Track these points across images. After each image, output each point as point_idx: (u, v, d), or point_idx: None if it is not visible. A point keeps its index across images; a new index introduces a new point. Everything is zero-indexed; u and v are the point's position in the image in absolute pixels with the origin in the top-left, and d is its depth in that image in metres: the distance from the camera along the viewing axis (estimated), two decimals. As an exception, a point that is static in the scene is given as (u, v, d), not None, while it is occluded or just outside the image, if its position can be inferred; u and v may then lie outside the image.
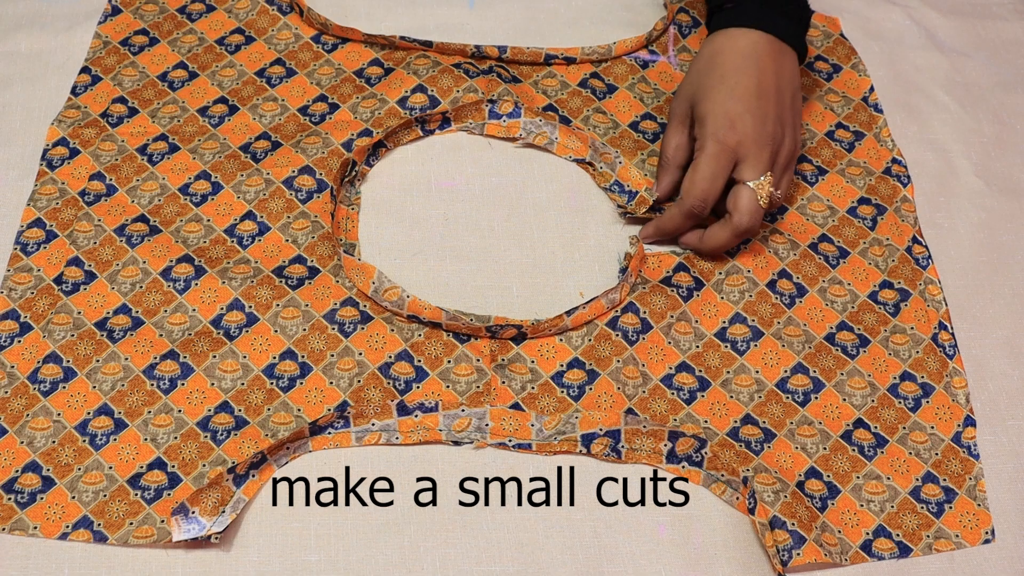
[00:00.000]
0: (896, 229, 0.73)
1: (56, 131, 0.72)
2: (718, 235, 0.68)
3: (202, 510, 0.57)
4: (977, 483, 0.63)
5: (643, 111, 0.77)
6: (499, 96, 0.75)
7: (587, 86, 0.78)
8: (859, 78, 0.82)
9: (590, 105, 0.77)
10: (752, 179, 0.67)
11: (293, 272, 0.67)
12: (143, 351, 0.63)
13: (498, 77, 0.77)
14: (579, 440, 0.62)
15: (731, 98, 0.68)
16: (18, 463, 0.59)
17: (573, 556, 0.59)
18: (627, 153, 0.74)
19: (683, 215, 0.68)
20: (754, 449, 0.63)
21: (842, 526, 0.61)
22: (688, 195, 0.68)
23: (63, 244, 0.67)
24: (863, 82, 0.82)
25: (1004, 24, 0.88)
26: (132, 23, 0.79)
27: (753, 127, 0.67)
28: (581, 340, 0.65)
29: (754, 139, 0.67)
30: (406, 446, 0.61)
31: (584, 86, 0.78)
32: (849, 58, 0.83)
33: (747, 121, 0.67)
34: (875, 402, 0.66)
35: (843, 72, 0.82)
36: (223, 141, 0.73)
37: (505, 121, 0.75)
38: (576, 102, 0.77)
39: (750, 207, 0.66)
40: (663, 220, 0.69)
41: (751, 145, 0.67)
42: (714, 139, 0.67)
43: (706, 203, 0.67)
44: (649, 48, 0.81)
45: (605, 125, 0.76)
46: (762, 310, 0.68)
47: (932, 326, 0.69)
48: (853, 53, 0.84)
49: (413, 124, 0.74)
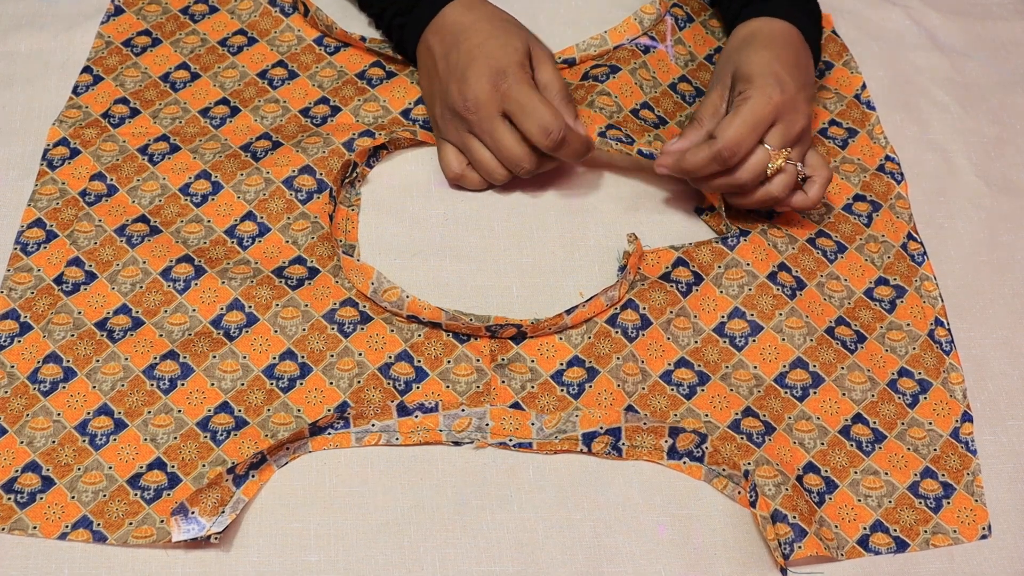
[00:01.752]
0: (891, 226, 0.73)
1: (57, 131, 0.72)
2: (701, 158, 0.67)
3: (202, 510, 0.57)
4: (974, 479, 0.63)
5: (642, 99, 0.77)
6: None
7: (589, 76, 0.78)
8: (851, 75, 0.82)
9: (594, 90, 0.76)
10: (775, 145, 0.67)
11: (293, 272, 0.67)
12: (143, 351, 0.63)
13: None
14: (580, 439, 0.62)
15: (777, 62, 0.69)
16: (18, 463, 0.59)
17: (573, 556, 0.59)
18: (634, 133, 0.73)
19: (710, 157, 0.66)
20: (755, 441, 0.63)
21: (839, 521, 0.61)
22: (722, 138, 0.66)
23: (63, 244, 0.67)
24: (855, 79, 0.82)
25: (1004, 24, 0.88)
26: (135, 23, 0.79)
27: (795, 93, 0.68)
28: (581, 338, 0.65)
29: (792, 106, 0.68)
30: (406, 446, 0.61)
31: (586, 78, 0.78)
32: (841, 55, 0.83)
33: (790, 86, 0.68)
34: (875, 397, 0.66)
35: (835, 69, 0.82)
36: (224, 142, 0.73)
37: None
38: (579, 93, 0.77)
39: (756, 167, 0.67)
40: (687, 156, 0.67)
41: (788, 110, 0.67)
42: (762, 92, 0.67)
43: (738, 150, 0.66)
44: (649, 35, 0.81)
45: (610, 108, 0.75)
46: (762, 303, 0.68)
47: (928, 322, 0.69)
48: (845, 50, 0.84)
49: (416, 137, 0.74)
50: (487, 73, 0.67)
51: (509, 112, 0.67)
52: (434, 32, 0.72)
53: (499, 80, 0.67)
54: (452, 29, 0.71)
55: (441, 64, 0.70)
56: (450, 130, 0.71)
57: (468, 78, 0.68)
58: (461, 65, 0.68)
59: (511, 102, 0.67)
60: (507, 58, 0.68)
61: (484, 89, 0.67)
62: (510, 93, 0.67)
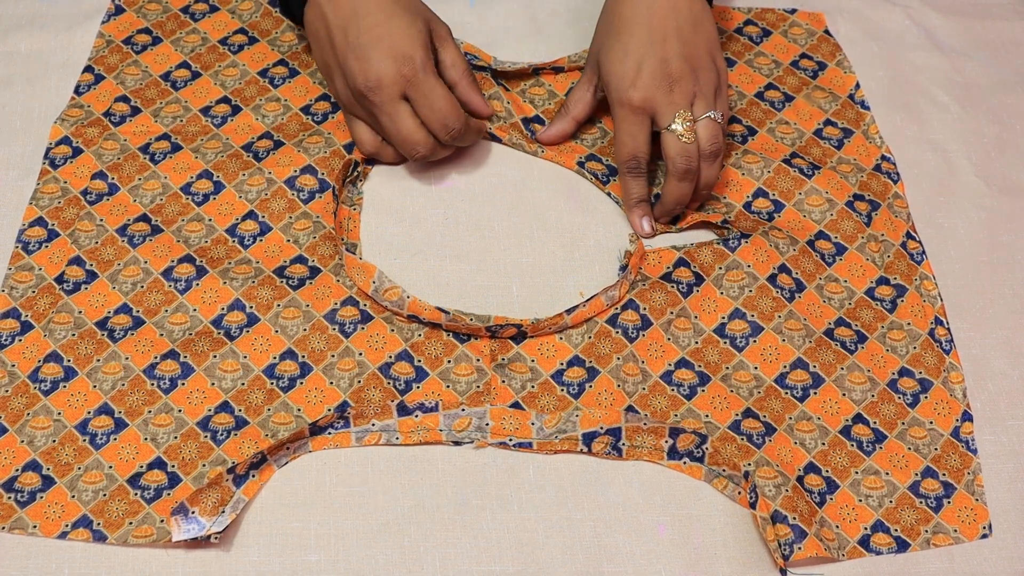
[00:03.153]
0: (890, 225, 0.73)
1: (59, 130, 0.72)
2: (667, 188, 0.70)
3: (202, 510, 0.57)
4: (975, 478, 0.63)
5: None
6: (491, 96, 0.76)
7: None
8: (844, 75, 0.82)
9: None
10: (668, 124, 0.68)
11: (294, 272, 0.67)
12: (144, 351, 0.63)
13: (492, 78, 0.77)
14: (580, 439, 0.62)
15: (626, 55, 0.69)
16: (18, 462, 0.59)
17: (573, 556, 0.59)
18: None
19: (621, 177, 0.71)
20: (755, 442, 0.63)
21: (840, 521, 0.61)
22: (618, 158, 0.70)
23: (65, 243, 0.67)
24: (848, 79, 0.82)
25: (1004, 24, 0.88)
26: (135, 22, 0.79)
27: (652, 77, 0.68)
28: (581, 338, 0.65)
29: (657, 87, 0.68)
30: (406, 446, 0.62)
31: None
32: (834, 55, 0.83)
33: (644, 74, 0.68)
34: (875, 397, 0.66)
35: (828, 69, 0.82)
36: (225, 141, 0.73)
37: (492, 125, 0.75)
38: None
39: (677, 148, 0.68)
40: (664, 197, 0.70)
41: (656, 94, 0.68)
42: (619, 103, 0.69)
43: (637, 159, 0.70)
44: None
45: (593, 136, 0.76)
46: (762, 304, 0.68)
47: (928, 321, 0.69)
48: (838, 50, 0.83)
49: None
50: (391, 55, 0.66)
51: (411, 98, 0.67)
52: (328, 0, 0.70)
53: (403, 65, 0.66)
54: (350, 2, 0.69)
55: (339, 37, 0.68)
56: (355, 106, 0.70)
57: (371, 58, 0.66)
58: (363, 43, 0.67)
59: (415, 89, 0.67)
60: (411, 40, 0.67)
61: (388, 72, 0.66)
62: (415, 80, 0.67)
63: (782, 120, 0.78)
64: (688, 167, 0.68)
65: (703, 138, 0.68)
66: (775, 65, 0.81)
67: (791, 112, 0.79)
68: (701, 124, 0.68)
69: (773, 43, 0.83)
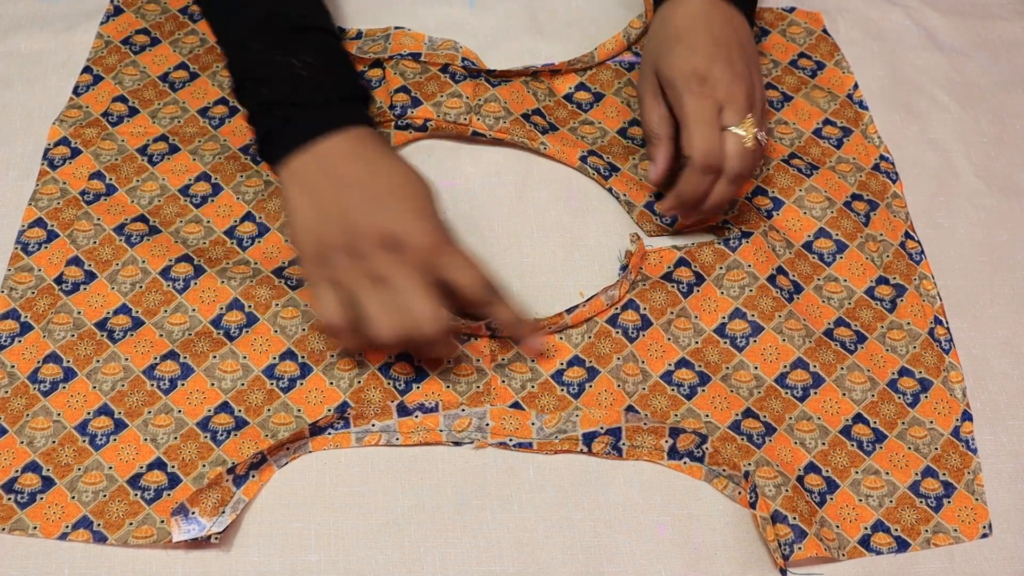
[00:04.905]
0: (889, 224, 0.73)
1: (58, 130, 0.72)
2: (718, 190, 0.67)
3: (202, 510, 0.57)
4: (975, 477, 0.63)
5: (630, 117, 0.77)
6: (485, 101, 0.75)
7: (573, 101, 0.78)
8: (843, 75, 0.82)
9: (577, 118, 0.76)
10: (734, 123, 0.66)
11: (293, 273, 0.67)
12: (143, 351, 0.63)
13: (486, 82, 0.76)
14: (580, 439, 0.62)
15: (692, 54, 0.67)
16: (18, 463, 0.59)
17: (573, 556, 0.59)
18: (618, 159, 0.74)
19: (700, 173, 0.66)
20: (755, 442, 0.63)
21: (840, 521, 0.61)
22: (696, 151, 0.65)
23: (64, 244, 0.67)
24: (847, 79, 0.81)
25: (1004, 24, 0.88)
26: (134, 23, 0.79)
27: (722, 72, 0.66)
28: (581, 338, 0.65)
29: (727, 84, 0.66)
30: (406, 447, 0.61)
31: (570, 100, 0.78)
32: (832, 55, 0.83)
33: (714, 70, 0.66)
34: (875, 397, 0.66)
35: (827, 69, 0.82)
36: (223, 143, 0.73)
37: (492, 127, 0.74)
38: (563, 112, 0.76)
39: (738, 150, 0.66)
40: (681, 187, 0.67)
41: (725, 90, 0.66)
42: (689, 94, 0.66)
43: (715, 153, 0.65)
44: (633, 50, 0.81)
45: (593, 135, 0.76)
46: (763, 304, 0.68)
47: (928, 321, 0.69)
48: (836, 49, 0.83)
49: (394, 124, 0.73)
50: (432, 214, 0.60)
51: (441, 265, 0.59)
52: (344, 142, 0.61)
53: (440, 227, 0.60)
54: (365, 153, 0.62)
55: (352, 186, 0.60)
56: (338, 268, 0.59)
57: (405, 211, 0.59)
58: (397, 194, 0.60)
59: (450, 253, 0.59)
60: (436, 206, 0.61)
61: (429, 230, 0.59)
62: (450, 244, 0.60)
63: (781, 120, 0.78)
64: (742, 171, 0.66)
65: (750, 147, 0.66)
66: (774, 65, 0.81)
67: (790, 112, 0.79)
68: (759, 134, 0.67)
69: (771, 42, 0.83)
